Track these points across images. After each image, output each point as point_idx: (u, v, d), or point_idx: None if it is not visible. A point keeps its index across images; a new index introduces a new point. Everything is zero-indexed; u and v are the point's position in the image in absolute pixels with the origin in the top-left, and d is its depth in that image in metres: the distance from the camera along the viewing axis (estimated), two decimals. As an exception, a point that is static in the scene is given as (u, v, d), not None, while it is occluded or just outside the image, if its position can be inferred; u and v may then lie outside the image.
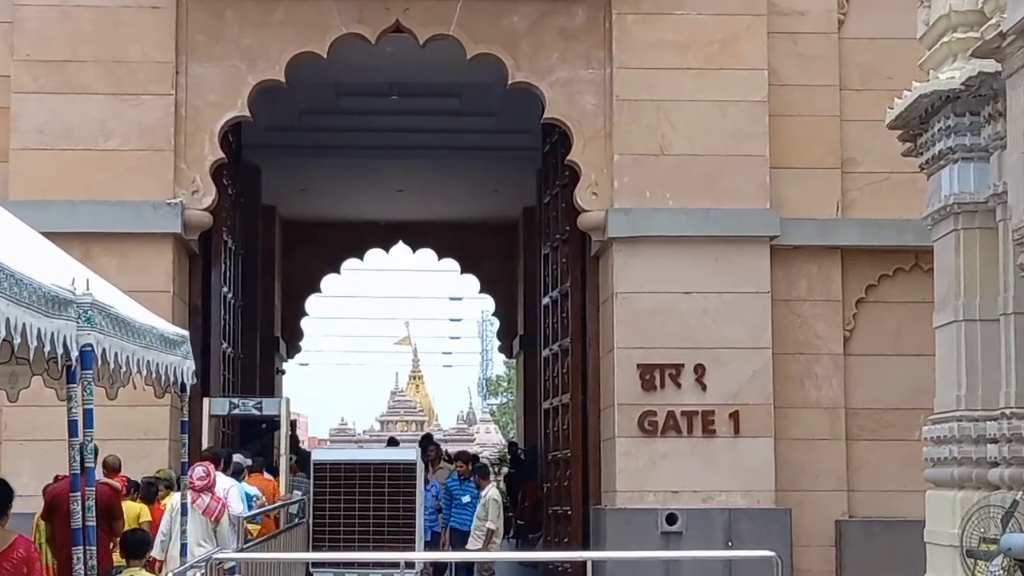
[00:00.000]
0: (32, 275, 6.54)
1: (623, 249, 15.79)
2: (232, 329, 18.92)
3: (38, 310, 6.54)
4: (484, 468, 15.29)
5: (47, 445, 13.40)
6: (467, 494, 15.37)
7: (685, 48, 15.80)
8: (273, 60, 15.67)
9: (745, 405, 15.52)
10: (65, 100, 15.39)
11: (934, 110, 11.83)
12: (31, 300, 6.44)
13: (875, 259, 16.07)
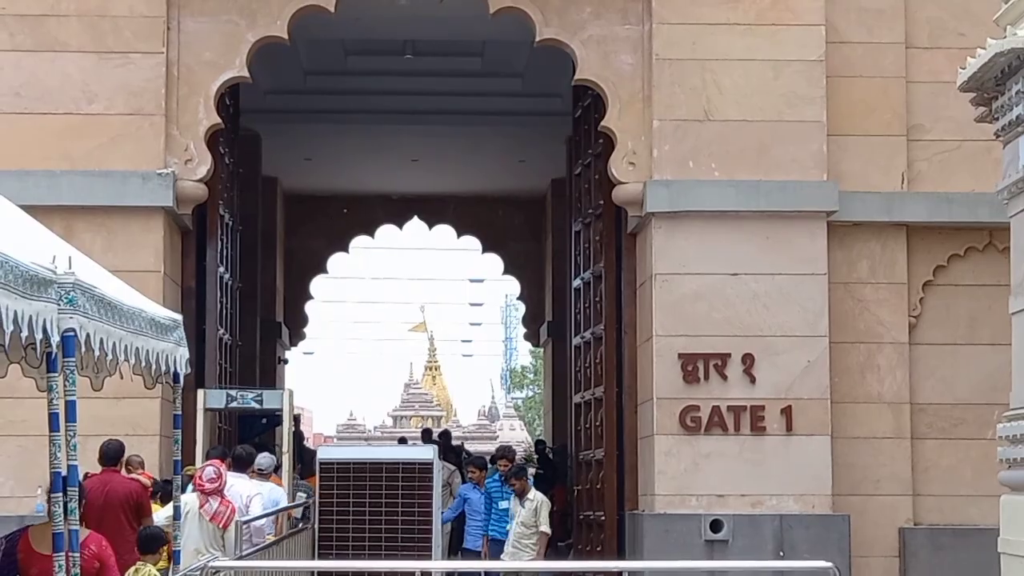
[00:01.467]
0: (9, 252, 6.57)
1: (663, 226, 15.80)
2: (229, 313, 18.98)
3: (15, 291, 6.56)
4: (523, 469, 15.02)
5: (25, 441, 13.49)
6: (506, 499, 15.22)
7: (734, 1, 15.77)
8: (275, 15, 15.69)
9: (799, 400, 15.51)
10: (44, 59, 15.46)
11: (1012, 70, 11.80)
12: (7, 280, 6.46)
13: (945, 237, 16.04)
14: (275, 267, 25.90)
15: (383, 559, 14.19)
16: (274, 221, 25.42)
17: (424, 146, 23.63)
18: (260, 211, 23.18)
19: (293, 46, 16.08)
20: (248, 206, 21.23)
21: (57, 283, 7.17)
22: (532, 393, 65.08)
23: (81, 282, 7.46)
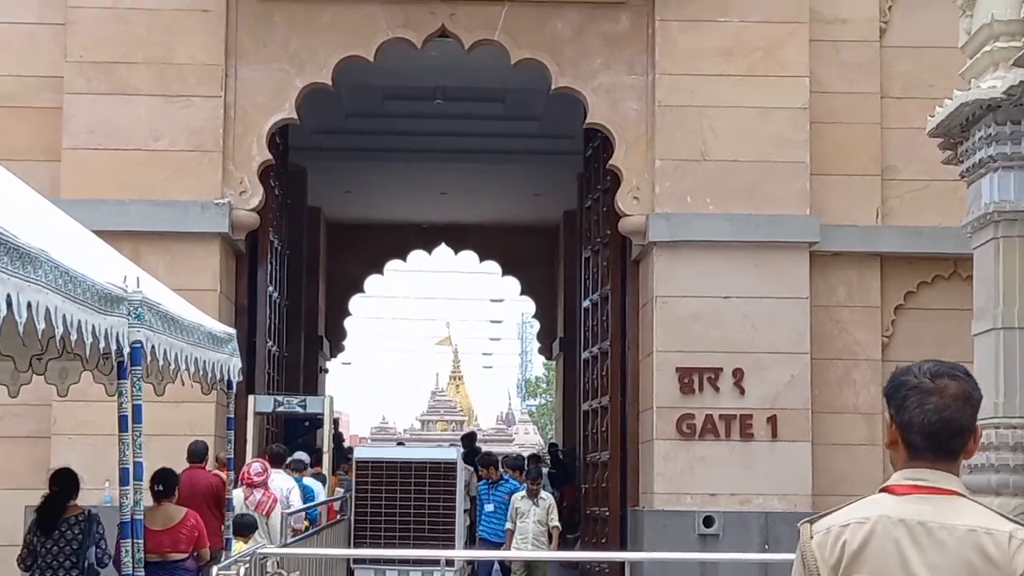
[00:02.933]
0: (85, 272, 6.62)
1: (664, 254, 15.80)
2: (277, 328, 19.01)
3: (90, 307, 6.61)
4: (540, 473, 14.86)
5: (95, 440, 13.51)
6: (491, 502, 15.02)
7: (728, 55, 15.80)
8: (320, 64, 15.75)
9: (783, 410, 15.49)
10: (116, 101, 15.52)
11: (975, 119, 11.80)
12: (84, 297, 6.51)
13: (914, 266, 16.03)
14: (318, 287, 25.94)
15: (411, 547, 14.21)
16: (317, 246, 25.45)
17: (451, 180, 23.61)
18: (305, 237, 23.20)
19: (336, 91, 16.11)
20: (295, 233, 21.26)
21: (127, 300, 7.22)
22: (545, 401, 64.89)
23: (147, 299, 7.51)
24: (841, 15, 16.13)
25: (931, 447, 3.26)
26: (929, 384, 3.28)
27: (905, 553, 3.11)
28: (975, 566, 3.05)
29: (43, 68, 15.69)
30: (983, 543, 3.07)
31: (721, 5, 15.83)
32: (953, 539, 3.09)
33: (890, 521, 3.16)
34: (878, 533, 3.16)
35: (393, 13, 15.79)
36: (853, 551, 3.18)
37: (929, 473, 3.24)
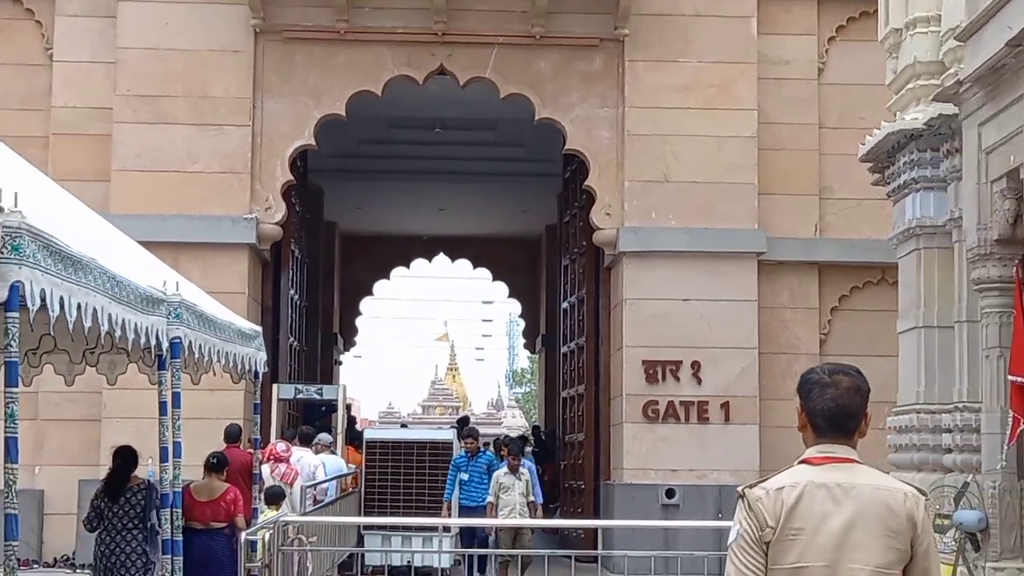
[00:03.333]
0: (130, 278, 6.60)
1: (632, 262, 15.81)
2: (297, 326, 19.01)
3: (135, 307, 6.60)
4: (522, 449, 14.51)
5: (139, 423, 13.47)
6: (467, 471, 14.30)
7: (687, 91, 15.81)
8: (335, 97, 15.73)
9: (735, 397, 15.51)
10: (158, 129, 15.49)
11: (900, 146, 11.81)
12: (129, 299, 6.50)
13: (848, 274, 16.04)
14: (333, 290, 25.93)
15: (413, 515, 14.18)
16: (332, 255, 25.44)
17: (449, 198, 23.61)
18: (322, 247, 23.18)
19: (349, 121, 16.08)
20: (313, 244, 21.26)
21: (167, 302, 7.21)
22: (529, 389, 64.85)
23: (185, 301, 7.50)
24: (785, 57, 16.15)
25: (831, 428, 3.69)
26: (827, 379, 3.76)
27: (827, 507, 3.51)
28: (881, 515, 3.50)
29: (95, 101, 15.67)
30: (886, 498, 3.54)
31: (681, 48, 15.84)
32: (863, 495, 3.53)
33: (814, 485, 3.55)
34: (806, 494, 3.53)
35: (398, 54, 15.79)
36: (789, 507, 3.53)
37: (834, 447, 3.67)
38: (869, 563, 3.46)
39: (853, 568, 3.45)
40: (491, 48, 15.78)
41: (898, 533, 3.50)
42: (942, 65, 11.24)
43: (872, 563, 3.46)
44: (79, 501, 14.91)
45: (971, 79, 9.93)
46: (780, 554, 3.52)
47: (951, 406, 11.03)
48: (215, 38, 15.63)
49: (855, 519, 3.49)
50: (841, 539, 3.48)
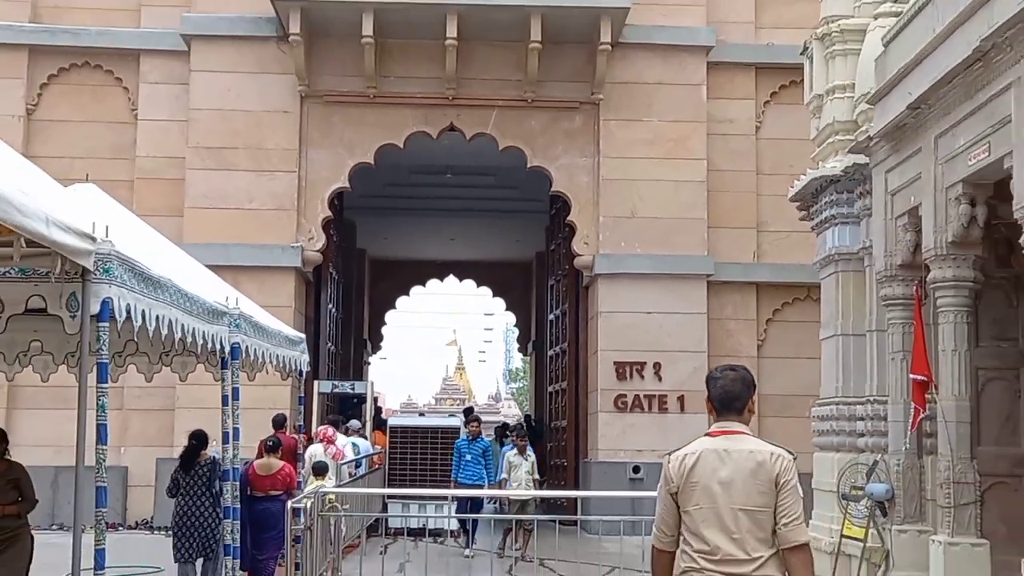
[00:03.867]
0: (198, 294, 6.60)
1: (605, 282, 15.81)
2: (334, 333, 19.00)
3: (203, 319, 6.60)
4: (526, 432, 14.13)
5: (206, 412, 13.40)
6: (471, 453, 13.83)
7: (650, 144, 15.84)
8: (365, 149, 15.76)
9: (688, 391, 15.47)
10: (222, 175, 15.52)
11: (822, 189, 11.85)
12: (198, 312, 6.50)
13: (780, 291, 16.05)
14: (363, 305, 25.92)
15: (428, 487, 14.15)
16: (363, 276, 25.44)
17: (457, 230, 23.62)
18: (354, 270, 23.20)
19: (376, 167, 16.10)
20: (347, 267, 21.27)
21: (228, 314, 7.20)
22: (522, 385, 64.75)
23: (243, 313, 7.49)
24: (729, 116, 16.20)
25: (724, 407, 4.19)
26: (719, 375, 4.26)
27: (715, 465, 4.01)
28: (753, 470, 3.98)
29: (172, 152, 15.72)
30: (756, 458, 4.02)
31: (645, 109, 15.88)
32: (740, 457, 4.02)
33: (707, 450, 4.07)
34: (702, 457, 4.06)
35: (417, 114, 15.82)
36: (688, 468, 4.06)
37: (727, 423, 4.15)
38: (743, 504, 3.94)
39: (732, 507, 3.93)
40: (492, 110, 15.82)
41: (765, 482, 3.95)
42: (855, 124, 11.28)
43: (745, 504, 3.94)
44: (156, 476, 14.90)
45: (879, 135, 9.98)
46: (686, 500, 4.02)
47: (863, 399, 11.04)
48: (268, 101, 15.66)
49: (733, 474, 3.97)
50: (724, 488, 3.96)
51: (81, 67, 16.00)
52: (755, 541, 3.89)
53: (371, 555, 11.38)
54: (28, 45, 15.80)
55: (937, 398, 8.97)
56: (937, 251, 8.85)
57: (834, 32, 11.70)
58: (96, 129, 15.89)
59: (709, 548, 3.90)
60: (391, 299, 28.93)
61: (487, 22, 15.06)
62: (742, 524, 3.90)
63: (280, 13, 15.12)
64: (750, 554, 3.87)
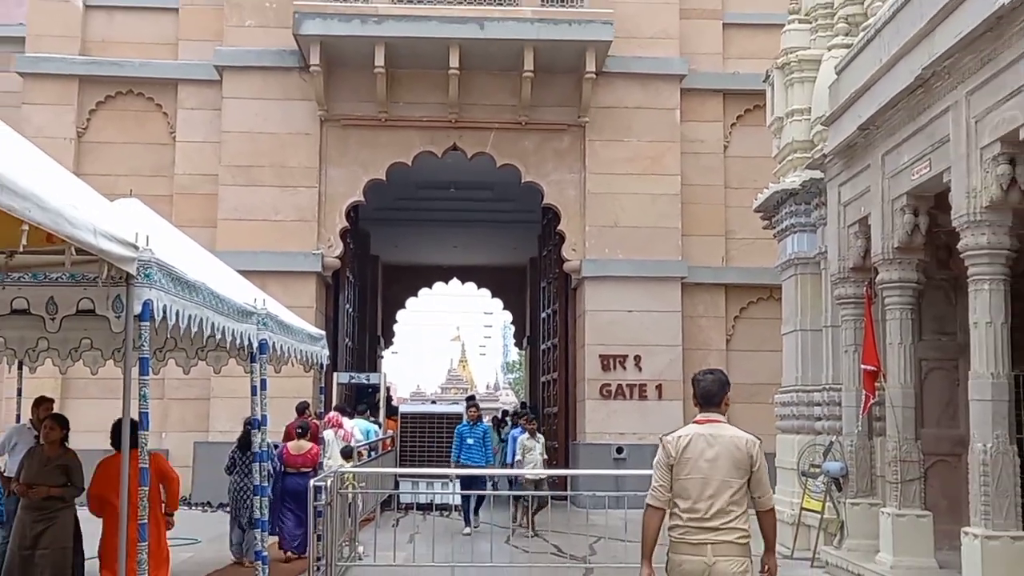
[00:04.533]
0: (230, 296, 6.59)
1: (591, 284, 15.81)
2: (351, 330, 18.98)
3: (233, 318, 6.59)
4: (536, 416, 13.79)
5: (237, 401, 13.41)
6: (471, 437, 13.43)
7: (630, 161, 15.86)
8: (378, 167, 15.76)
9: (666, 380, 15.51)
10: (251, 190, 15.51)
11: (782, 201, 11.87)
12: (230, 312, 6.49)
13: (746, 292, 16.07)
14: (377, 305, 25.88)
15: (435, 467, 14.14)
16: (377, 279, 25.40)
17: (460, 239, 23.60)
18: (369, 274, 23.14)
19: (388, 183, 16.11)
20: (362, 271, 21.23)
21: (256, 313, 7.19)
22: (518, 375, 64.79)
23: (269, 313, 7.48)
24: (700, 137, 16.23)
25: (706, 402, 4.79)
26: (702, 377, 4.83)
27: (703, 447, 4.61)
28: (732, 451, 4.58)
29: (206, 169, 15.71)
30: (735, 442, 4.62)
31: (626, 131, 15.90)
32: (724, 441, 4.62)
33: (697, 434, 4.66)
34: (693, 439, 4.65)
35: (423, 136, 15.83)
36: (683, 446, 4.64)
37: (709, 414, 4.74)
38: (724, 476, 4.54)
39: (717, 479, 4.54)
40: (490, 132, 15.82)
41: (741, 460, 4.58)
42: (812, 143, 11.30)
43: (726, 477, 4.54)
44: (194, 457, 14.88)
45: (832, 153, 9.99)
46: (679, 471, 4.61)
47: (820, 387, 11.05)
48: (291, 125, 15.65)
49: (719, 453, 4.58)
50: (711, 464, 4.57)
51: (125, 95, 16.00)
52: (730, 504, 4.53)
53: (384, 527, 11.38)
54: (78, 75, 15.80)
55: (885, 386, 8.98)
56: (884, 256, 8.87)
57: (792, 62, 11.72)
58: (138, 150, 15.88)
59: (692, 508, 4.54)
60: (401, 300, 28.90)
61: (485, 54, 15.07)
62: (722, 491, 4.53)
63: (302, 46, 15.14)
64: (726, 513, 4.52)
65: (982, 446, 7.09)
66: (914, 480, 8.61)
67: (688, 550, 4.49)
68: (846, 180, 9.87)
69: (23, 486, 6.52)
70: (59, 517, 6.51)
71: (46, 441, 6.70)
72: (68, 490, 6.57)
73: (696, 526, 4.50)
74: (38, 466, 6.54)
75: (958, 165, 7.42)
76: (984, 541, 6.93)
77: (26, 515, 6.45)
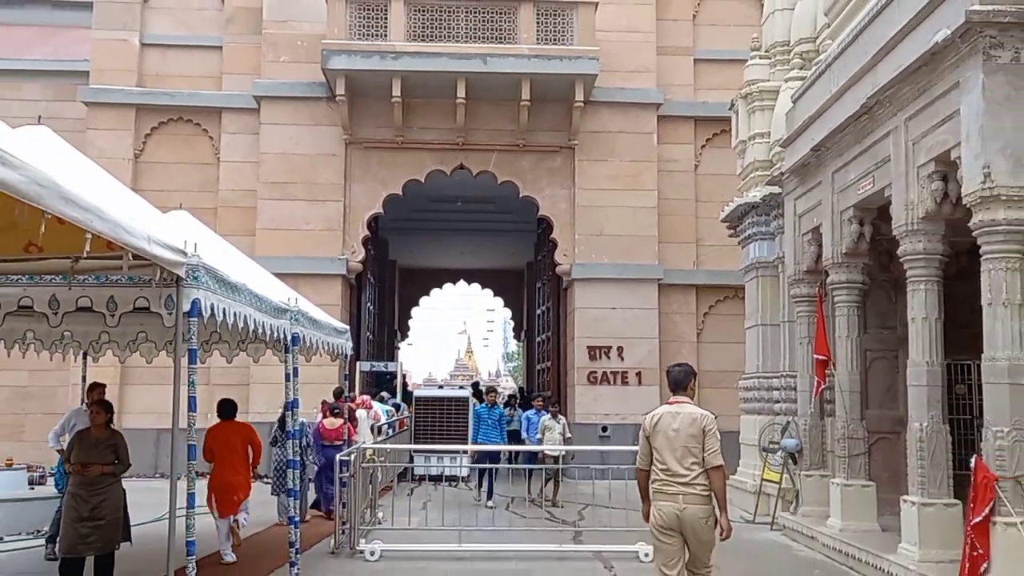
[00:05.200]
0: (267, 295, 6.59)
1: (580, 285, 15.80)
2: (372, 324, 18.99)
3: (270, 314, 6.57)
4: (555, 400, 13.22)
5: (273, 387, 13.46)
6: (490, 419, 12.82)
7: (614, 178, 15.86)
8: (395, 183, 15.75)
9: (644, 368, 15.50)
10: (285, 204, 15.50)
11: (745, 213, 11.87)
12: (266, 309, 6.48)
13: (714, 291, 16.05)
14: (394, 303, 25.87)
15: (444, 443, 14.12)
16: (394, 281, 25.41)
17: (466, 245, 23.62)
18: (387, 276, 23.16)
19: (404, 197, 16.11)
20: (382, 274, 21.24)
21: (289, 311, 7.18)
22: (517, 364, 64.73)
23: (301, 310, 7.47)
24: (674, 157, 16.22)
25: (675, 388, 5.33)
26: (673, 369, 5.36)
27: (669, 421, 5.16)
28: (690, 422, 5.13)
29: (246, 185, 15.71)
30: (693, 417, 5.15)
31: (610, 152, 15.90)
32: (684, 417, 5.16)
33: (666, 412, 5.23)
34: (662, 416, 5.22)
35: (434, 157, 15.82)
36: (655, 422, 5.22)
37: (677, 396, 5.28)
38: (684, 443, 5.08)
39: (679, 443, 5.09)
40: (492, 153, 15.81)
41: (697, 430, 5.09)
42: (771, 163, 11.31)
43: (686, 443, 5.08)
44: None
45: (789, 171, 10.00)
46: (653, 440, 5.18)
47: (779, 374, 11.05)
48: (320, 147, 15.65)
49: (680, 425, 5.11)
50: (675, 432, 5.11)
51: (176, 121, 16.00)
52: (691, 464, 5.06)
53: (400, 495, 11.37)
54: (135, 104, 15.81)
55: (834, 373, 8.98)
56: (834, 260, 8.87)
57: (754, 92, 11.73)
58: (187, 169, 15.88)
59: (666, 467, 5.10)
60: (415, 298, 28.92)
61: (488, 86, 15.07)
62: (686, 455, 5.07)
63: (329, 79, 15.15)
64: (689, 471, 5.06)
65: (919, 425, 7.10)
66: (859, 455, 8.62)
67: (665, 499, 5.07)
68: (801, 195, 9.88)
69: (77, 465, 6.39)
70: (111, 491, 6.44)
71: (93, 424, 6.57)
72: (118, 467, 6.49)
73: (670, 480, 5.06)
74: (89, 446, 6.45)
75: (898, 182, 7.43)
76: (920, 508, 6.94)
77: (82, 490, 6.33)
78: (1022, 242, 6.13)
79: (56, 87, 16.85)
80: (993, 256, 6.16)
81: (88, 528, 6.26)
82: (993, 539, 5.87)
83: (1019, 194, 6.06)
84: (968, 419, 9.41)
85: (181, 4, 16.28)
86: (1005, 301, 6.09)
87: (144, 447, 14.45)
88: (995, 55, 6.11)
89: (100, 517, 6.29)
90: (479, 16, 15.13)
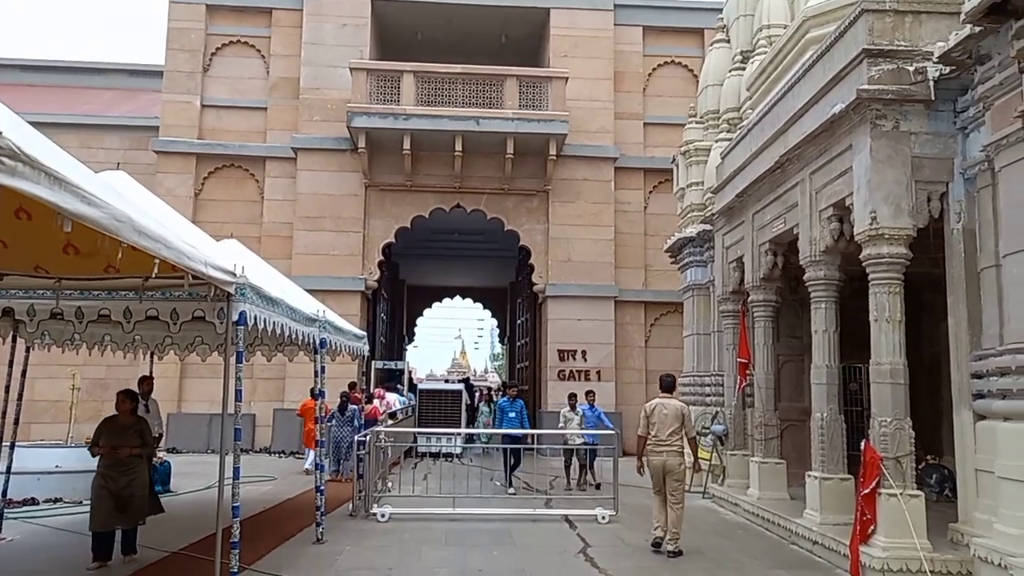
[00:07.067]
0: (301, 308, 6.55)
1: (552, 301, 15.77)
2: (385, 330, 18.84)
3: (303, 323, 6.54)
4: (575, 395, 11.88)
5: (304, 380, 13.34)
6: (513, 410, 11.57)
7: (580, 216, 15.89)
8: (405, 218, 15.71)
9: (604, 367, 15.48)
10: (316, 234, 15.41)
11: (684, 245, 11.93)
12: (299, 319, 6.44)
13: (659, 307, 16.07)
14: (403, 314, 25.68)
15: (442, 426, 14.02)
16: (403, 296, 25.22)
17: (462, 268, 23.54)
18: (397, 292, 23.00)
19: (412, 229, 16.06)
20: (393, 290, 21.10)
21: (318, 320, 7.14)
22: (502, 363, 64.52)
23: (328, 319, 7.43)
24: (628, 200, 16.26)
25: (664, 388, 6.48)
26: (664, 377, 6.48)
27: (662, 409, 6.28)
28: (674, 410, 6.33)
29: (285, 219, 15.61)
30: (677, 407, 6.34)
31: (576, 196, 15.94)
32: (671, 406, 6.30)
33: (659, 402, 6.40)
34: (657, 405, 6.38)
35: (437, 197, 15.80)
36: (653, 408, 6.40)
37: (665, 395, 6.41)
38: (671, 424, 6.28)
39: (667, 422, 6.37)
40: (483, 195, 15.82)
41: (678, 415, 6.29)
42: (704, 205, 11.39)
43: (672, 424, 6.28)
44: (273, 419, 14.71)
45: (719, 213, 10.07)
46: (651, 419, 6.38)
47: (710, 374, 11.08)
48: (344, 188, 15.60)
49: (668, 411, 6.22)
50: (665, 415, 6.27)
51: (229, 167, 15.92)
52: (670, 434, 6.41)
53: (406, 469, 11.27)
54: (196, 153, 15.73)
55: (753, 373, 9.02)
56: (753, 283, 8.93)
57: (691, 150, 11.83)
58: (237, 205, 15.78)
59: (658, 436, 6.36)
60: (420, 309, 28.73)
61: (480, 141, 15.11)
62: (671, 430, 6.39)
63: (353, 135, 15.14)
64: (669, 438, 6.41)
65: (820, 415, 7.14)
66: (773, 438, 8.64)
67: (654, 454, 6.39)
68: (728, 231, 9.96)
69: (109, 447, 5.93)
70: (138, 471, 6.09)
71: (119, 411, 6.10)
72: (144, 449, 6.07)
73: (658, 443, 6.43)
74: (118, 432, 5.99)
75: (804, 222, 7.50)
76: (821, 481, 6.97)
77: (112, 471, 5.90)
78: (900, 271, 6.22)
79: (132, 139, 16.77)
80: (878, 282, 6.24)
81: (120, 504, 5.87)
82: (879, 507, 5.91)
83: (898, 233, 6.15)
84: (859, 410, 9.48)
85: (234, 73, 16.25)
86: (888, 318, 6.16)
87: (199, 428, 14.30)
88: (880, 124, 6.21)
89: (129, 495, 5.90)
90: (473, 86, 15.22)
